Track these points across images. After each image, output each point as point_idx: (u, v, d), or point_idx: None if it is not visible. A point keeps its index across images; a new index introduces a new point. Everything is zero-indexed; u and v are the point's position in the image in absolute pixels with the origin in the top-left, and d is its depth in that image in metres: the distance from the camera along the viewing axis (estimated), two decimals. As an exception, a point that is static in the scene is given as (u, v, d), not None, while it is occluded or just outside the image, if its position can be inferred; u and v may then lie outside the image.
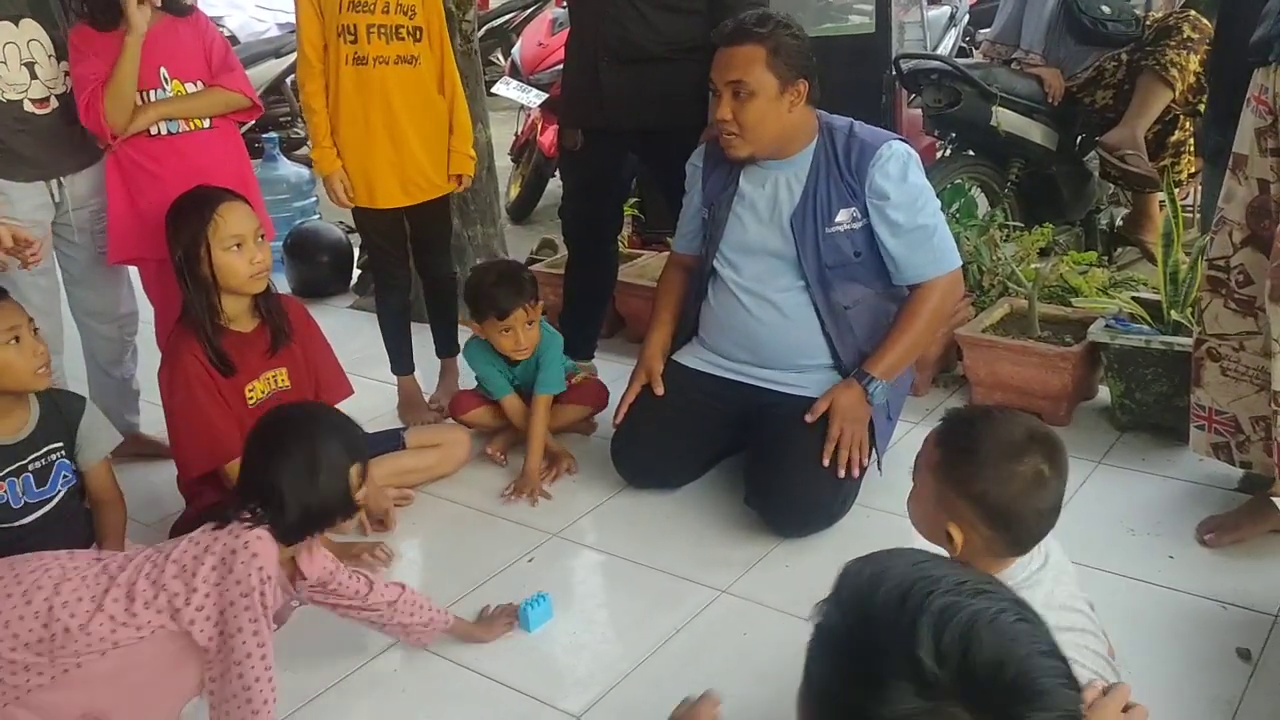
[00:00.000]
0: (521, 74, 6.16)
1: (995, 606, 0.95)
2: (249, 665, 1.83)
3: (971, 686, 0.90)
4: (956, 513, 1.58)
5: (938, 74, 4.04)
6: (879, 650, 0.94)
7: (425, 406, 3.45)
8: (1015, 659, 0.91)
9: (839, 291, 2.72)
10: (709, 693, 1.68)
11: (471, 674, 2.24)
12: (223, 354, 2.59)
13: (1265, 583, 2.32)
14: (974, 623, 0.92)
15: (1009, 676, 0.90)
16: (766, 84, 2.60)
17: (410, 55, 3.03)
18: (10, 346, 2.22)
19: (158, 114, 2.81)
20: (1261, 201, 2.32)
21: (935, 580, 0.96)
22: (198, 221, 2.53)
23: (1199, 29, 3.98)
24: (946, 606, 0.93)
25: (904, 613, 0.94)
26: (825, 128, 2.74)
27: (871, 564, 1.03)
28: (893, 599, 0.96)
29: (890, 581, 0.98)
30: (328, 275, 4.83)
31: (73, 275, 3.00)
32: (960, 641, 0.91)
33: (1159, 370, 2.91)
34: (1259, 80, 2.29)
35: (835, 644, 1.00)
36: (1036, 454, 1.56)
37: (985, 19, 6.20)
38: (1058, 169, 4.28)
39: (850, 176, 2.67)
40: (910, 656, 0.91)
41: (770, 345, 2.79)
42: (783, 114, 2.65)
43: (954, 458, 1.60)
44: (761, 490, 2.67)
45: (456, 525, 2.85)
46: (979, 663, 0.90)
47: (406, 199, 3.16)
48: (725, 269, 2.83)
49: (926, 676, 0.90)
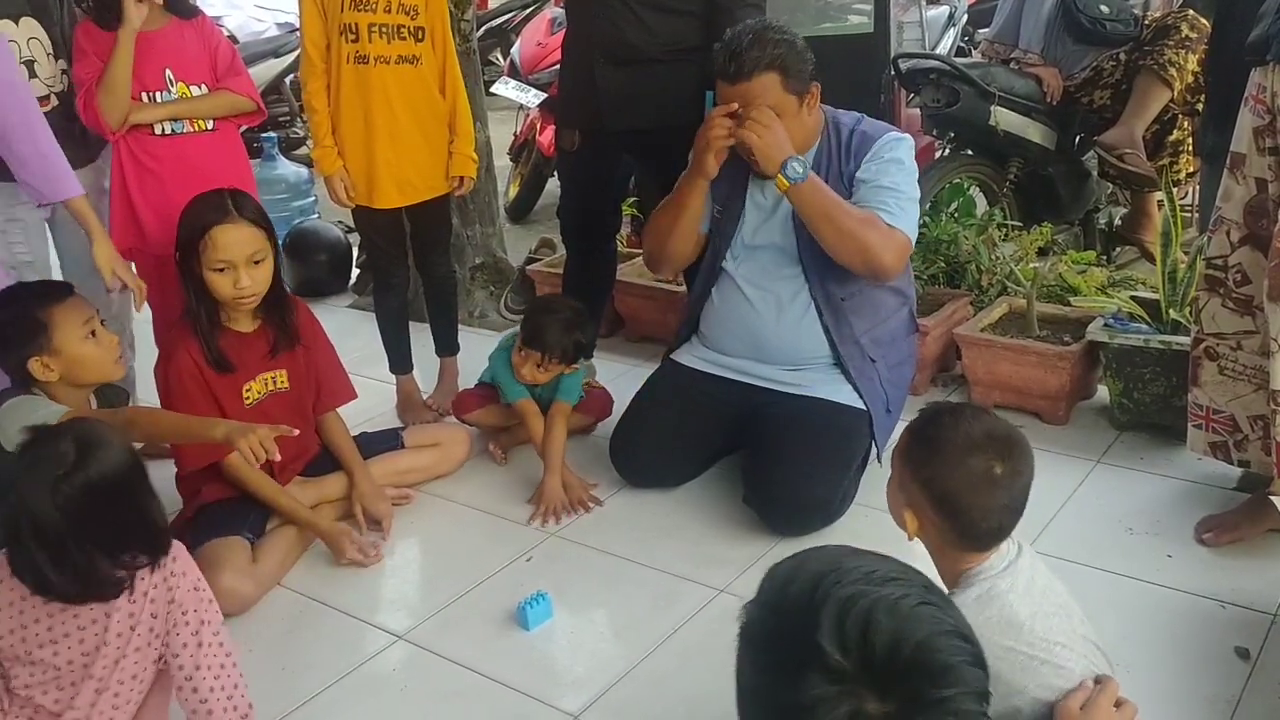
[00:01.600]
0: (520, 74, 6.16)
1: (900, 592, 0.99)
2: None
3: (874, 670, 0.94)
4: (911, 497, 1.65)
5: (936, 73, 4.03)
6: (789, 641, 0.99)
7: (424, 406, 3.45)
8: (913, 639, 0.95)
9: (835, 282, 2.72)
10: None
11: (470, 673, 2.24)
12: (220, 353, 2.60)
13: (1263, 581, 2.33)
14: (873, 608, 0.97)
15: (906, 655, 0.95)
16: (788, 104, 2.62)
17: (412, 55, 3.03)
18: (90, 341, 2.33)
19: (164, 113, 2.83)
20: (1259, 201, 2.33)
21: (845, 571, 1.02)
22: (194, 232, 2.54)
23: (1197, 28, 3.98)
24: (850, 595, 0.98)
25: (811, 604, 0.98)
26: (831, 123, 2.76)
27: (792, 561, 1.08)
28: (803, 591, 1.01)
29: (803, 575, 1.03)
30: (326, 275, 4.83)
31: (73, 274, 3.00)
32: (859, 627, 0.95)
33: (1157, 369, 2.91)
34: (1256, 79, 2.29)
35: (753, 639, 1.07)
36: (990, 452, 1.59)
37: (984, 19, 6.19)
38: (1056, 168, 4.28)
39: (850, 166, 2.70)
40: (815, 645, 0.95)
41: (771, 340, 2.80)
42: (805, 122, 2.69)
43: (914, 444, 1.66)
44: (760, 489, 2.68)
45: (456, 525, 2.85)
46: (878, 645, 0.95)
47: (403, 199, 3.16)
48: (732, 264, 2.84)
49: (831, 663, 0.94)
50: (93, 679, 1.78)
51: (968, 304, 3.45)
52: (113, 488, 1.73)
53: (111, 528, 1.74)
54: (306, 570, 2.67)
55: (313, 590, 2.58)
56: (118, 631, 1.78)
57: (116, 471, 1.74)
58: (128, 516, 1.76)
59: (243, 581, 2.48)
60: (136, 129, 2.82)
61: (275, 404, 2.74)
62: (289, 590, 2.59)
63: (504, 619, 2.40)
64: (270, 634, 2.44)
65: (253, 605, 2.51)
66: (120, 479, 1.74)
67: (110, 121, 2.73)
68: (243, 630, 2.42)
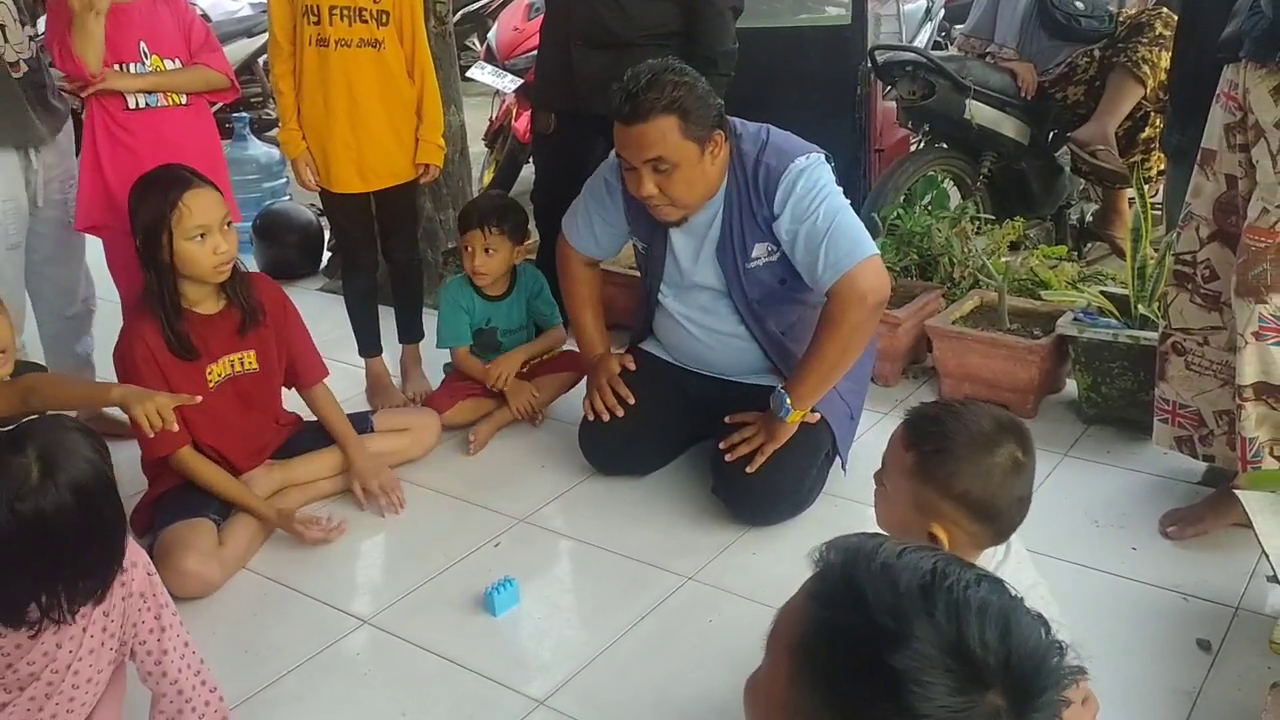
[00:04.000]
0: (497, 59, 6.12)
1: (1003, 592, 0.94)
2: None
3: (1007, 673, 0.88)
4: (939, 514, 1.58)
5: (913, 66, 4.04)
6: (905, 647, 0.89)
7: (394, 389, 3.43)
8: (1040, 642, 0.91)
9: (772, 320, 2.71)
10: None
11: (435, 658, 2.23)
12: (183, 337, 2.56)
13: (1226, 575, 2.35)
14: (1009, 612, 0.91)
15: (1038, 661, 0.90)
16: (687, 152, 2.47)
17: (374, 39, 2.99)
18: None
19: (141, 84, 2.82)
20: (1229, 197, 2.35)
21: (952, 572, 0.93)
22: (161, 206, 2.47)
23: (1171, 26, 3.99)
24: (983, 600, 0.91)
25: (932, 606, 0.90)
26: (736, 158, 2.59)
27: (869, 556, 0.96)
28: (913, 592, 0.91)
29: (907, 573, 0.93)
30: (297, 257, 4.78)
31: (42, 252, 2.96)
32: (999, 629, 0.89)
33: (1125, 364, 2.93)
34: (1228, 76, 2.30)
35: (850, 643, 0.92)
36: (1009, 442, 1.59)
37: (960, 14, 6.21)
38: (1029, 163, 4.30)
39: (763, 207, 2.57)
40: (952, 648, 0.88)
41: (721, 364, 2.82)
42: (708, 171, 2.54)
43: (930, 460, 1.59)
44: (728, 480, 2.67)
45: (424, 509, 2.83)
46: (1014, 649, 0.89)
47: (364, 185, 3.13)
48: (669, 301, 2.82)
49: (972, 667, 0.88)
50: (40, 681, 1.69)
51: (939, 296, 3.46)
52: (77, 508, 1.55)
53: (61, 556, 1.56)
54: (272, 553, 2.65)
55: (278, 574, 2.56)
56: (70, 634, 1.69)
57: (83, 488, 1.57)
58: (86, 540, 1.59)
59: (207, 565, 2.46)
60: (110, 101, 2.79)
61: (240, 386, 2.71)
62: (254, 574, 2.57)
63: (471, 604, 2.39)
64: (235, 617, 2.41)
65: (218, 589, 2.48)
66: (86, 497, 1.57)
67: (89, 61, 2.68)
68: (208, 613, 2.40)
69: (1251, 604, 2.26)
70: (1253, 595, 2.29)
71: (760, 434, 2.60)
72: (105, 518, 1.62)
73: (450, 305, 3.21)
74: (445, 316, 3.22)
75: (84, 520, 1.57)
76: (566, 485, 2.89)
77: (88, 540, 1.60)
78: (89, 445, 1.62)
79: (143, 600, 1.77)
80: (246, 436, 2.75)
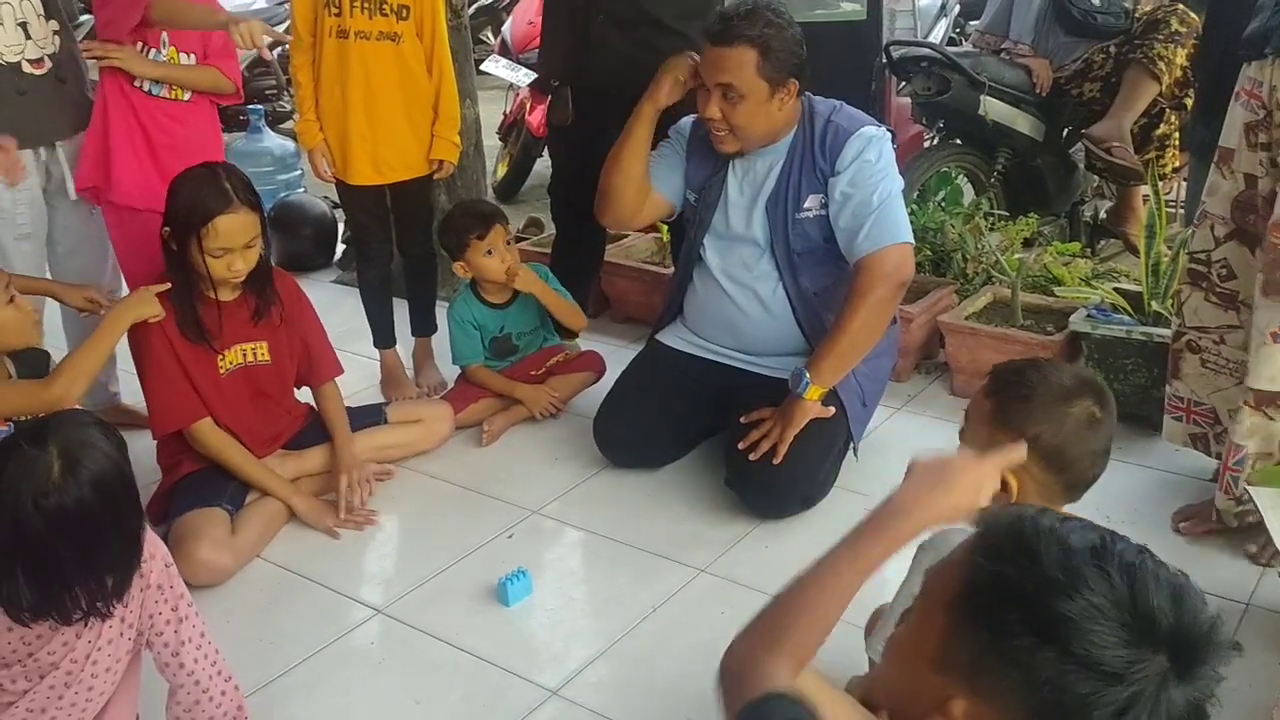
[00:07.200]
0: (511, 52, 6.12)
1: (1168, 566, 0.97)
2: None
3: (1175, 639, 0.91)
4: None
5: (927, 61, 4.04)
6: (1077, 596, 0.91)
7: (408, 381, 3.44)
8: (1208, 616, 0.94)
9: (807, 277, 2.72)
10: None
11: (449, 648, 2.25)
12: (198, 321, 2.58)
13: (1237, 572, 2.35)
14: (1179, 583, 0.95)
15: (1205, 632, 0.93)
16: (757, 88, 2.57)
17: (393, 32, 3.00)
18: (9, 307, 2.26)
19: (153, 72, 2.84)
20: (1248, 196, 2.33)
21: (1121, 541, 0.97)
22: (194, 218, 2.47)
23: (1187, 22, 3.99)
24: (1156, 568, 0.95)
25: (1106, 564, 0.93)
26: (807, 114, 2.71)
27: (1034, 519, 0.98)
28: (1085, 551, 0.94)
29: (1076, 535, 0.96)
30: (311, 249, 4.80)
31: (66, 245, 2.97)
32: (1170, 597, 0.93)
33: (1139, 360, 2.93)
34: (1251, 74, 2.28)
35: (1018, 593, 0.93)
36: (1088, 397, 1.61)
37: (976, 10, 6.19)
38: (1044, 160, 4.29)
39: (823, 162, 2.66)
40: (1127, 604, 0.91)
41: (750, 333, 2.81)
42: (773, 114, 2.63)
43: (1008, 405, 1.63)
44: (741, 473, 2.67)
45: (437, 500, 2.85)
46: (1183, 617, 0.92)
47: (379, 178, 3.15)
48: (710, 255, 2.83)
49: (1147, 624, 0.90)
50: (59, 670, 1.70)
51: (952, 292, 3.46)
52: (98, 503, 1.57)
53: (89, 549, 1.58)
54: (286, 543, 2.66)
55: (292, 563, 2.58)
56: (89, 625, 1.69)
57: (104, 483, 1.58)
58: (107, 535, 1.61)
59: (220, 553, 2.47)
60: (123, 74, 2.81)
61: (252, 375, 2.72)
62: (268, 563, 2.59)
63: (484, 595, 2.41)
64: (249, 606, 2.43)
65: (231, 577, 2.50)
66: (107, 492, 1.59)
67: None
68: (221, 602, 2.42)
69: (1263, 600, 2.26)
70: (1264, 592, 2.29)
71: (777, 425, 2.61)
72: (125, 512, 1.64)
73: (459, 325, 3.20)
74: (456, 337, 3.22)
75: (105, 515, 1.59)
76: (580, 477, 2.90)
77: (109, 534, 1.61)
78: (108, 440, 1.64)
79: (160, 592, 1.78)
80: (258, 425, 2.77)
